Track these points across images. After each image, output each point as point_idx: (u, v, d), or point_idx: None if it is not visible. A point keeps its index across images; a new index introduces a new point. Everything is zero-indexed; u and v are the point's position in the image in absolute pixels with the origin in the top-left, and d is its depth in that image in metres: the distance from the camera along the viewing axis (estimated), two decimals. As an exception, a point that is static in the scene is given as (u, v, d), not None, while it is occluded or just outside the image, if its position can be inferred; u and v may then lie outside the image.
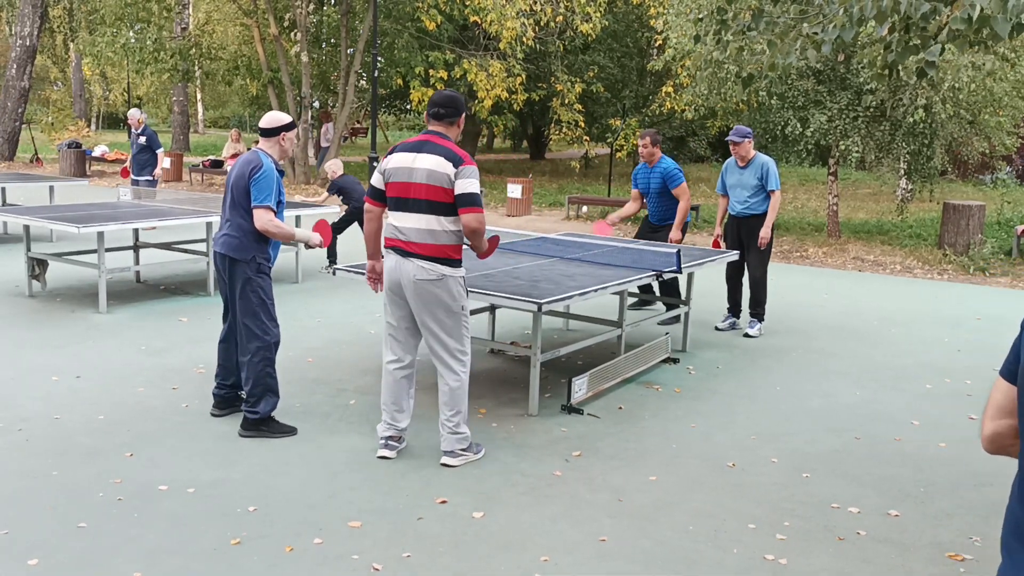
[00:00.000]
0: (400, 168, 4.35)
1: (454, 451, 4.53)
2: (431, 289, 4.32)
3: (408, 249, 4.34)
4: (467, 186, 4.27)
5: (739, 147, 7.46)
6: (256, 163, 4.75)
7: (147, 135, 12.29)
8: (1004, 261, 12.08)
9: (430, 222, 4.30)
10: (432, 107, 4.42)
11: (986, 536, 3.94)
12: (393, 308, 4.49)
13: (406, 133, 53.10)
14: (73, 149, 22.05)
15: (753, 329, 7.61)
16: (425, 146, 4.34)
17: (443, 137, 4.38)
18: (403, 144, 4.42)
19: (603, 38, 22.44)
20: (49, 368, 5.99)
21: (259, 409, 4.81)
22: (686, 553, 3.68)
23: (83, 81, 38.73)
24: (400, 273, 4.36)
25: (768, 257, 7.66)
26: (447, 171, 4.26)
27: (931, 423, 5.48)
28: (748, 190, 7.54)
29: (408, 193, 4.32)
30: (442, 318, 4.38)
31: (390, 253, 4.42)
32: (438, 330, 4.40)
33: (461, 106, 4.44)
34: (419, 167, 4.30)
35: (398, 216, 4.38)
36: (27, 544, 3.57)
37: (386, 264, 4.45)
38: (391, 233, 4.41)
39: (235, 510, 3.93)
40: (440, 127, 4.42)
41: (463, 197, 4.27)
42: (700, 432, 5.16)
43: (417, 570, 3.47)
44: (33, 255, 8.19)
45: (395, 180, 4.36)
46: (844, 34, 3.82)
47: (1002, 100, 12.92)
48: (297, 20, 20.44)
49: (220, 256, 4.85)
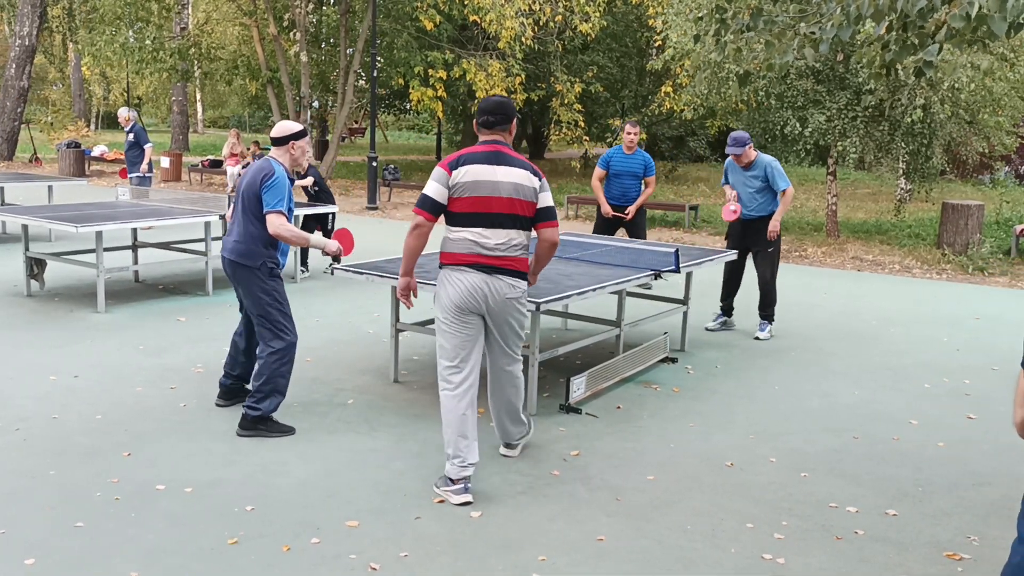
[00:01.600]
0: (481, 181, 4.11)
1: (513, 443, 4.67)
2: (516, 305, 4.23)
3: (496, 264, 4.13)
4: (549, 199, 4.24)
5: (740, 157, 7.39)
6: (268, 170, 4.73)
7: (134, 131, 12.39)
8: (1003, 261, 12.08)
9: (520, 236, 4.19)
10: (482, 115, 4.23)
11: (984, 535, 3.94)
12: (464, 328, 4.17)
13: (405, 133, 53.13)
14: (72, 149, 22.04)
15: (764, 332, 7.55)
16: (502, 157, 4.16)
17: (510, 147, 4.26)
18: (469, 155, 4.16)
19: (602, 38, 22.46)
20: (47, 367, 5.99)
21: (261, 406, 4.79)
22: (684, 552, 3.68)
23: (82, 81, 38.72)
24: (486, 291, 4.12)
25: (777, 258, 7.60)
26: (533, 185, 4.18)
27: (930, 423, 5.48)
28: (753, 191, 7.50)
29: (492, 207, 4.11)
30: (518, 330, 4.32)
31: (467, 270, 4.13)
32: (514, 340, 4.34)
33: (512, 112, 4.27)
34: (504, 180, 4.12)
35: (480, 231, 4.12)
36: (24, 544, 3.57)
37: (460, 282, 4.13)
38: (468, 249, 4.13)
39: (233, 510, 3.93)
40: (496, 135, 4.24)
41: (546, 211, 4.21)
42: (698, 432, 5.16)
43: (415, 570, 3.47)
44: (32, 255, 8.19)
45: (478, 194, 4.11)
46: (842, 33, 3.81)
47: (1001, 100, 12.93)
48: (296, 20, 20.44)
49: (228, 262, 4.82)
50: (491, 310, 4.19)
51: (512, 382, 4.45)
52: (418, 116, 45.13)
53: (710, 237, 14.13)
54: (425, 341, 7.02)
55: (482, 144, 4.23)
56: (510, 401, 4.48)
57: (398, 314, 5.89)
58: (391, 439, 4.86)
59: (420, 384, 5.90)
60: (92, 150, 23.77)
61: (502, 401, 4.48)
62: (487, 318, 4.23)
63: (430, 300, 8.56)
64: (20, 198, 15.70)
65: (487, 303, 4.16)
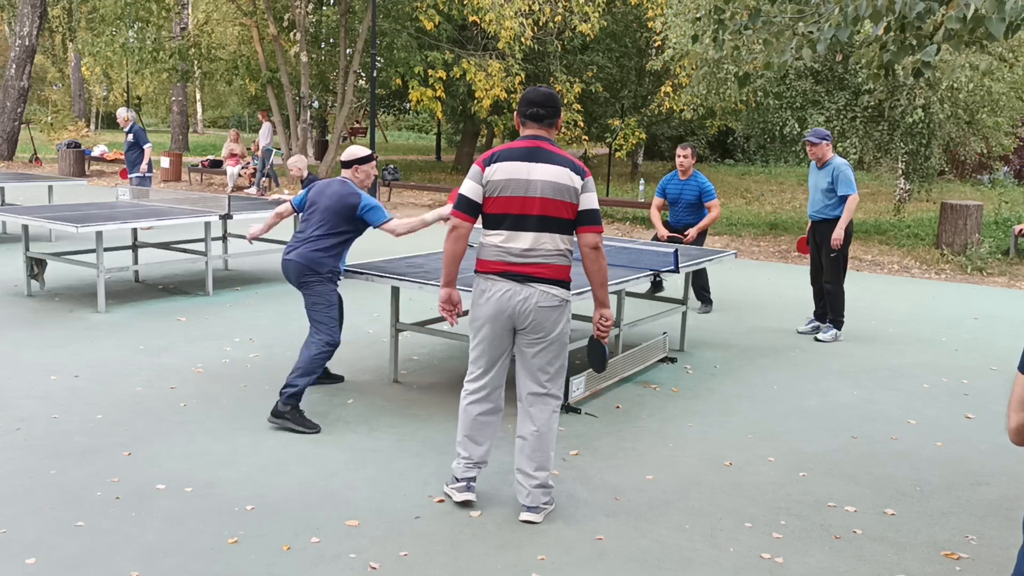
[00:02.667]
0: (513, 180, 3.76)
1: (538, 506, 3.96)
2: (552, 316, 3.82)
3: (527, 273, 3.79)
4: (592, 200, 3.82)
5: (815, 148, 7.31)
6: (352, 191, 5.22)
7: (133, 132, 12.43)
8: (1002, 261, 12.09)
9: (554, 241, 3.80)
10: (529, 107, 3.84)
11: (982, 535, 3.95)
12: (497, 341, 3.88)
13: (405, 133, 53.07)
14: (72, 149, 22.05)
15: (827, 334, 7.48)
16: (539, 154, 3.79)
17: (552, 143, 3.87)
18: (505, 151, 3.82)
19: (602, 38, 22.46)
20: (47, 367, 5.99)
21: (298, 383, 5.00)
22: (683, 552, 3.69)
23: (82, 81, 38.72)
24: (517, 301, 3.79)
25: (841, 266, 7.43)
26: (574, 184, 3.78)
27: (928, 422, 5.49)
28: (821, 193, 7.40)
29: (525, 209, 3.77)
30: (554, 345, 3.87)
31: (496, 279, 3.83)
32: (550, 357, 3.88)
33: (560, 104, 3.89)
34: (538, 179, 3.76)
35: (510, 236, 3.79)
36: (25, 543, 3.58)
37: (490, 291, 3.84)
38: (496, 256, 3.83)
39: (233, 509, 3.94)
40: (541, 130, 3.86)
41: (588, 213, 3.80)
42: (697, 431, 5.17)
43: (414, 569, 3.48)
44: (32, 255, 8.20)
45: (506, 194, 3.77)
46: (839, 33, 3.82)
47: (1000, 100, 12.94)
48: (296, 20, 20.45)
49: (295, 264, 5.14)
50: (520, 323, 3.83)
51: (535, 421, 3.90)
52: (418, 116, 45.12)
53: (709, 237, 14.13)
54: (425, 341, 7.03)
55: (522, 139, 3.88)
56: (530, 454, 3.92)
57: (398, 314, 5.91)
58: (391, 439, 4.87)
59: (420, 384, 5.91)
60: (92, 150, 23.76)
61: (524, 451, 3.94)
62: (517, 334, 3.89)
63: (426, 300, 8.56)
64: (20, 198, 15.71)
65: (516, 315, 3.82)
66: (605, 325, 3.97)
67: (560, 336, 3.88)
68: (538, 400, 3.92)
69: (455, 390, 5.79)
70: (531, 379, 3.91)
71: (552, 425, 3.93)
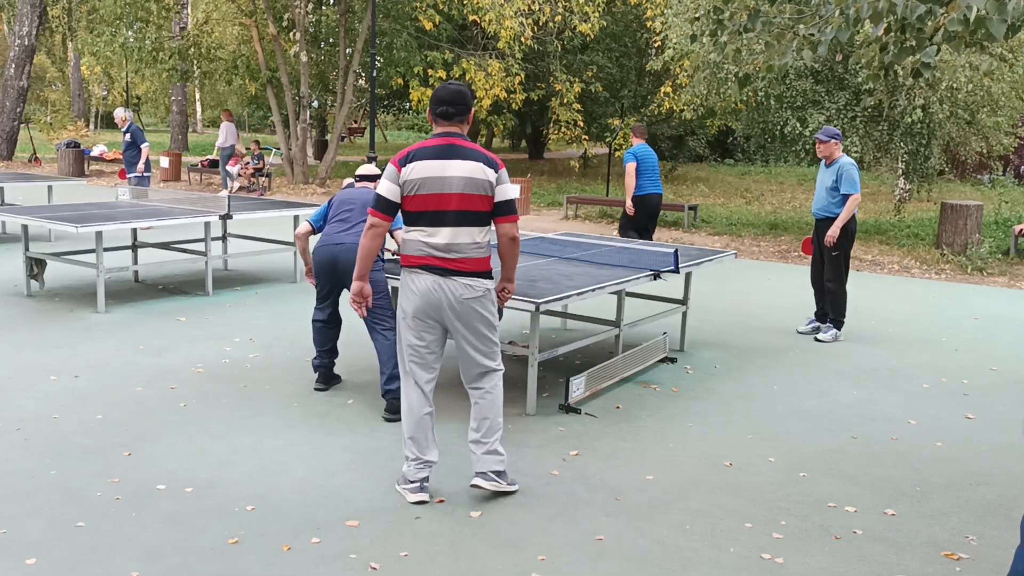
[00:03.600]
0: (430, 178, 3.89)
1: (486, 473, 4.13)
2: (475, 306, 3.97)
3: (448, 267, 3.92)
4: (508, 192, 3.98)
5: (824, 146, 7.29)
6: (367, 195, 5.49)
7: (131, 132, 12.45)
8: (1002, 261, 12.09)
9: (471, 235, 3.94)
10: (439, 105, 3.96)
11: (982, 535, 3.95)
12: (424, 333, 4.02)
13: (405, 133, 53.06)
14: (71, 149, 22.05)
15: (827, 334, 7.45)
16: (453, 150, 3.92)
17: (464, 138, 3.99)
18: (420, 150, 3.93)
19: (601, 38, 22.46)
20: (47, 368, 5.99)
21: (395, 387, 5.17)
22: (683, 552, 3.69)
23: (82, 81, 38.71)
24: (441, 294, 3.93)
25: (842, 266, 7.43)
26: (488, 178, 3.93)
27: (928, 423, 5.49)
28: (825, 191, 7.40)
29: (443, 205, 3.89)
30: (484, 331, 4.04)
31: (419, 272, 3.95)
32: (480, 344, 4.04)
33: (470, 100, 4.02)
34: (455, 175, 3.89)
35: (431, 231, 3.92)
36: (25, 543, 3.58)
37: (415, 285, 3.97)
38: (419, 251, 3.95)
39: (233, 509, 3.94)
40: (452, 127, 3.98)
41: (505, 204, 3.97)
42: (697, 431, 5.17)
43: (415, 569, 3.48)
44: (31, 255, 8.20)
45: (424, 192, 3.89)
46: (840, 35, 3.82)
47: (1000, 100, 12.94)
48: (296, 20, 20.44)
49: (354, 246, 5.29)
50: (449, 316, 3.98)
51: (482, 396, 4.11)
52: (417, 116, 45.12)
53: (709, 237, 14.13)
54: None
55: (435, 137, 3.99)
56: (479, 419, 4.11)
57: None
58: (391, 439, 4.87)
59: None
60: (91, 150, 23.76)
61: (475, 417, 4.13)
62: (448, 324, 4.01)
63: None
64: (20, 198, 15.70)
65: (444, 308, 3.96)
66: (505, 296, 4.30)
67: (488, 321, 4.06)
68: (482, 377, 4.12)
69: (455, 389, 5.79)
70: (471, 364, 4.10)
71: (497, 392, 4.12)
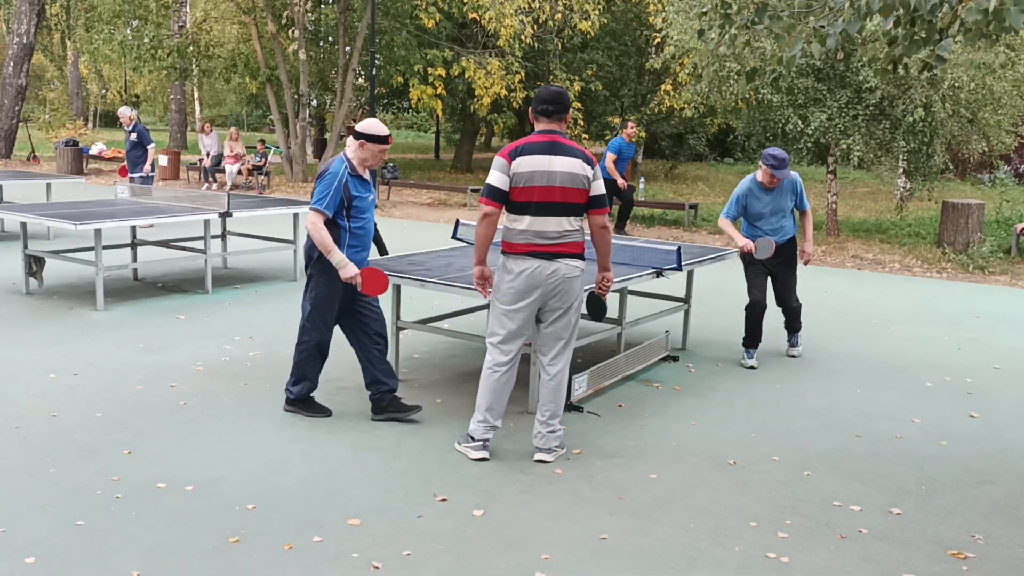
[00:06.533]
0: (538, 171, 4.30)
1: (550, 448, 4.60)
2: (575, 285, 4.44)
3: (553, 251, 4.37)
4: (600, 187, 4.41)
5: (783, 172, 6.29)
6: (327, 166, 4.84)
7: (137, 131, 12.32)
8: (1003, 259, 12.08)
9: (571, 223, 4.38)
10: (541, 104, 4.38)
11: (988, 534, 3.92)
12: (523, 313, 4.45)
13: (404, 131, 53.05)
14: (70, 147, 22.01)
15: (798, 348, 6.90)
16: (558, 148, 4.34)
17: (565, 136, 4.40)
18: (528, 145, 4.34)
19: (602, 36, 22.42)
20: (47, 366, 5.96)
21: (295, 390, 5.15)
22: (687, 551, 3.67)
23: (80, 79, 38.64)
24: (546, 275, 4.37)
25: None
26: (587, 173, 4.35)
27: (931, 421, 5.47)
28: (785, 215, 6.58)
29: (548, 196, 4.31)
30: (573, 314, 4.50)
31: (524, 258, 4.38)
32: (567, 325, 4.50)
33: (568, 101, 4.43)
34: (560, 170, 4.31)
35: (536, 220, 4.34)
36: (25, 542, 3.55)
37: (520, 268, 4.38)
38: (524, 239, 4.37)
39: (234, 508, 3.91)
40: (554, 124, 4.41)
41: (598, 198, 4.39)
42: (700, 430, 5.15)
43: (417, 568, 3.45)
44: (30, 252, 8.16)
45: (533, 184, 4.31)
46: (849, 28, 3.79)
47: (1002, 99, 12.92)
48: (295, 18, 20.41)
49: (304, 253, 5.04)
50: (549, 294, 4.41)
51: (550, 379, 4.57)
52: (417, 115, 45.08)
53: (710, 236, 14.12)
54: (426, 339, 7.00)
55: (539, 134, 4.39)
56: (546, 403, 4.58)
57: (399, 312, 5.88)
58: (393, 437, 4.84)
59: (421, 383, 5.88)
60: (90, 148, 23.72)
61: (542, 400, 4.60)
62: (545, 304, 4.44)
63: (427, 298, 8.54)
64: (18, 196, 15.67)
65: (546, 285, 4.38)
66: (606, 285, 4.65)
67: (578, 303, 4.51)
68: (556, 359, 4.55)
69: (457, 388, 5.76)
70: (550, 344, 4.54)
71: (564, 378, 4.58)
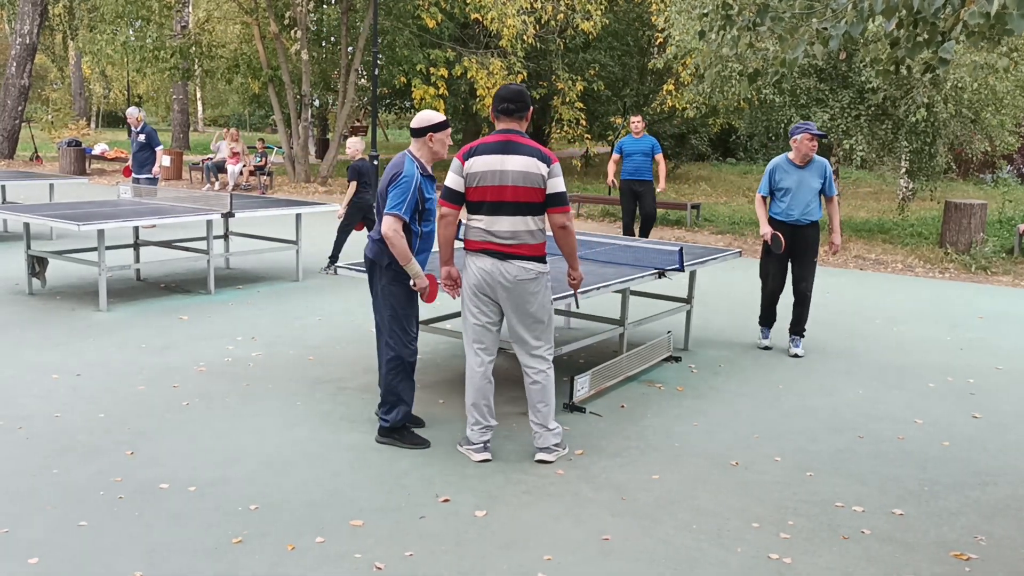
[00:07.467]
0: (489, 171, 4.30)
1: (548, 447, 4.59)
2: (530, 288, 4.38)
3: (506, 251, 4.34)
4: (558, 185, 4.33)
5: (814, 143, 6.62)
6: (399, 169, 4.51)
7: (146, 133, 12.26)
8: (1006, 260, 12.06)
9: (526, 223, 4.33)
10: (501, 103, 4.37)
11: (991, 535, 3.92)
12: (485, 309, 4.47)
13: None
14: (73, 147, 22.02)
15: (800, 348, 6.94)
16: (510, 146, 4.31)
17: (522, 135, 4.37)
18: (482, 145, 4.34)
19: (604, 36, 22.42)
20: (49, 366, 5.97)
21: (388, 418, 4.73)
22: (689, 552, 3.66)
23: (83, 79, 38.69)
24: (498, 275, 4.36)
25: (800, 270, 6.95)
26: (541, 171, 4.30)
27: (934, 422, 5.46)
28: (810, 193, 6.75)
29: (500, 196, 4.30)
30: (534, 312, 4.43)
31: (479, 255, 4.39)
32: (533, 325, 4.45)
33: (528, 100, 4.42)
34: (511, 169, 4.28)
35: (490, 220, 4.33)
36: (27, 542, 3.55)
37: (475, 267, 4.40)
38: (480, 237, 4.38)
39: (236, 508, 3.92)
40: (512, 123, 4.38)
41: (556, 196, 4.32)
42: (702, 430, 5.14)
43: (419, 569, 3.45)
44: (33, 253, 8.17)
45: (484, 184, 4.31)
46: (852, 29, 3.79)
47: (1004, 99, 12.90)
48: (297, 18, 20.41)
49: (365, 259, 4.73)
50: (503, 296, 4.39)
51: (532, 382, 4.53)
52: (419, 115, 45.00)
53: (712, 236, 14.10)
54: (428, 340, 7.01)
55: (496, 133, 4.39)
56: (534, 405, 4.56)
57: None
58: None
59: (423, 383, 5.88)
60: (93, 148, 23.73)
61: (530, 401, 4.58)
62: (502, 303, 4.42)
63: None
64: (21, 196, 15.69)
65: (499, 287, 4.37)
66: (574, 283, 4.63)
67: (540, 304, 4.44)
68: (533, 360, 4.52)
69: (459, 389, 5.76)
70: (523, 346, 4.51)
71: (549, 378, 4.54)
